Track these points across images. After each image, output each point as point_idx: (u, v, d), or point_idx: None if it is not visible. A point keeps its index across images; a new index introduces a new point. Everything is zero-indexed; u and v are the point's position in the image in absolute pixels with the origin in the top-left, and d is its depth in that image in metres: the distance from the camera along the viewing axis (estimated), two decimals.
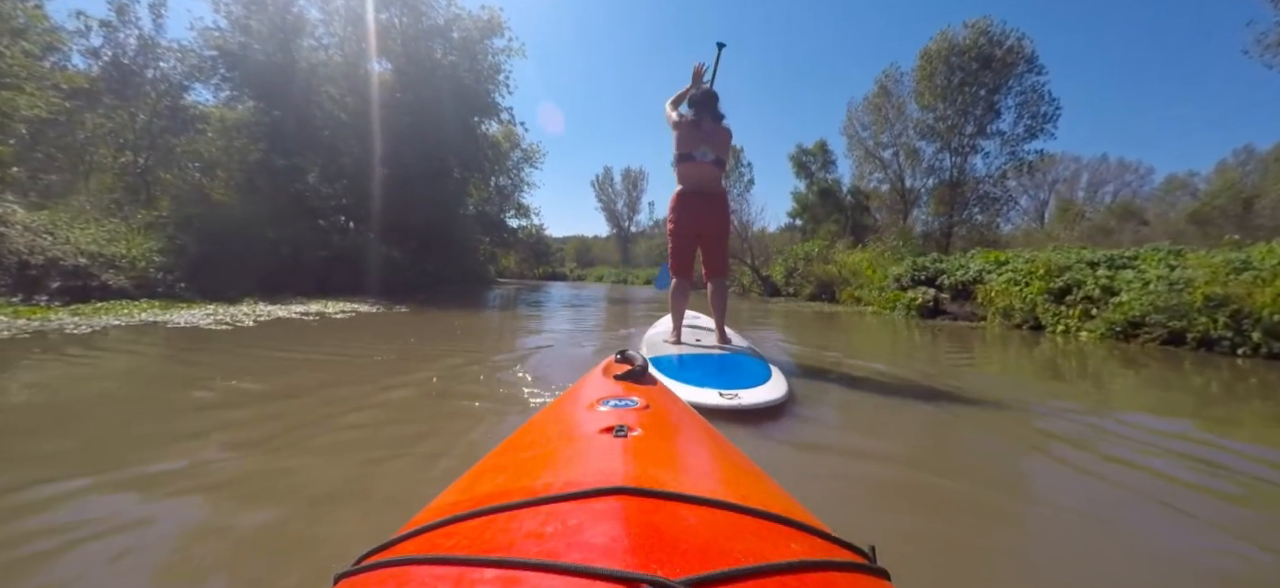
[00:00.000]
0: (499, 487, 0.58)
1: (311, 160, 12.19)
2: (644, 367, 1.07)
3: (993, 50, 23.74)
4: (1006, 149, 24.56)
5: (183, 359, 3.22)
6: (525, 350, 3.84)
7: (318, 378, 2.73)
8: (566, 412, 0.88)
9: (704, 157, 3.21)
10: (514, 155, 19.50)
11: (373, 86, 12.55)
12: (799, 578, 0.39)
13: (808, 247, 13.76)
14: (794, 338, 5.40)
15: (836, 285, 10.82)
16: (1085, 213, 27.81)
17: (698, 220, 3.28)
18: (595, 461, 0.59)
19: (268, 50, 11.97)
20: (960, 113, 24.43)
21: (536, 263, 30.11)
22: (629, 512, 0.44)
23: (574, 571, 0.36)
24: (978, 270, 7.45)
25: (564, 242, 52.10)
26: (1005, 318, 6.48)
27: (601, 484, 0.50)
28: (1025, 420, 2.35)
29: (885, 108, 26.49)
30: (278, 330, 4.40)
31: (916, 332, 6.37)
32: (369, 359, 3.26)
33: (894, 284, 8.75)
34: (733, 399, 2.14)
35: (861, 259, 11.50)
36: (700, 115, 3.26)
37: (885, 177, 27.07)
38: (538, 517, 0.46)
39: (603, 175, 53.48)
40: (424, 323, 5.36)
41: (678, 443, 0.72)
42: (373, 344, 3.88)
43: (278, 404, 2.17)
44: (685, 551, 0.40)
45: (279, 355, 3.34)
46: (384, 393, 2.43)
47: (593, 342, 4.45)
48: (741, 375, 2.50)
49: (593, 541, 0.40)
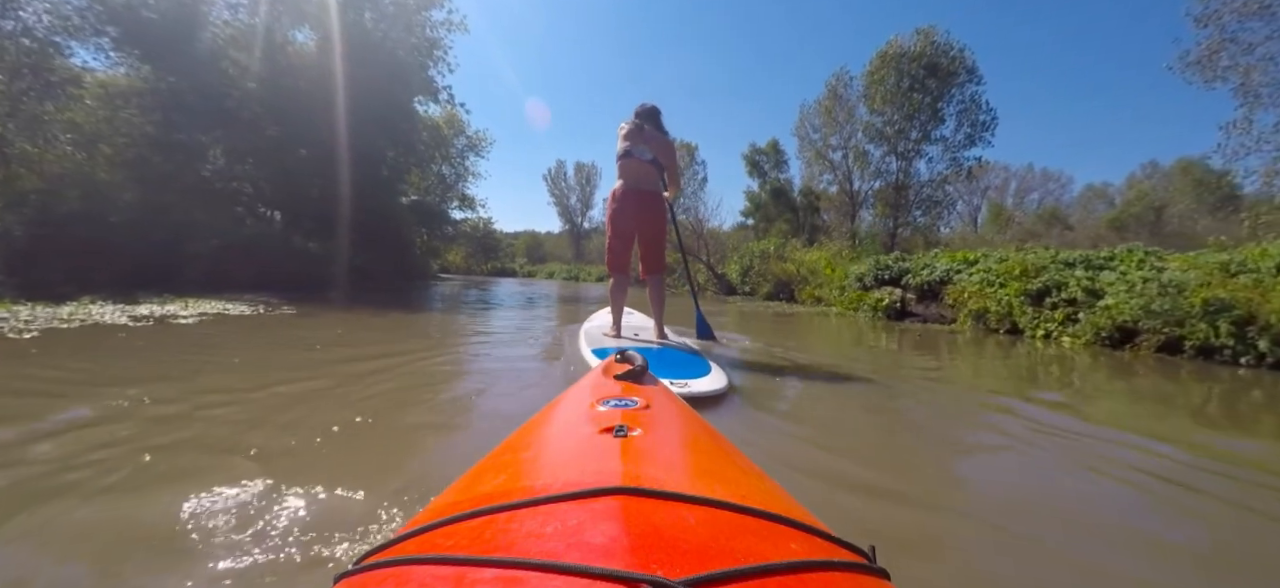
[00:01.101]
0: (499, 487, 0.57)
1: (216, 138, 10.54)
2: (644, 367, 1.06)
3: (939, 58, 24.32)
4: (948, 154, 25.27)
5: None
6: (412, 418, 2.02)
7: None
8: (566, 412, 0.86)
9: (642, 154, 3.28)
10: (457, 142, 18.01)
11: (290, 56, 11.02)
12: (799, 578, 0.39)
13: (763, 244, 13.23)
14: (755, 340, 4.65)
15: (795, 284, 10.27)
16: (1015, 218, 28.99)
17: (634, 218, 3.34)
18: (595, 461, 0.58)
19: (163, 7, 10.27)
20: (907, 118, 24.88)
21: (484, 258, 28.47)
22: (629, 512, 0.44)
23: (574, 571, 0.35)
24: (945, 270, 7.00)
25: (515, 237, 50.25)
26: (978, 321, 6.00)
27: (601, 484, 0.49)
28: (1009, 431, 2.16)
29: (835, 111, 26.70)
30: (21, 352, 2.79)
31: (883, 334, 5.80)
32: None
33: (856, 284, 8.24)
34: (684, 388, 2.23)
35: (819, 257, 11.03)
36: (642, 121, 3.37)
37: (834, 178, 27.33)
38: (537, 517, 0.46)
39: (555, 169, 51.91)
40: (293, 330, 4.13)
41: (677, 443, 0.71)
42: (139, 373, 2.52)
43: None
44: (685, 551, 0.39)
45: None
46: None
47: (543, 378, 2.92)
48: (683, 368, 2.57)
49: (592, 541, 0.39)
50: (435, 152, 15.64)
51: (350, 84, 11.05)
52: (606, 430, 0.68)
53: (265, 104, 10.71)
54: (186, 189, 10.15)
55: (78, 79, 10.44)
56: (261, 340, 3.55)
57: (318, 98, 10.82)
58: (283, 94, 10.68)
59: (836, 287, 9.02)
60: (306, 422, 1.75)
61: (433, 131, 14.73)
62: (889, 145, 25.59)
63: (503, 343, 4.00)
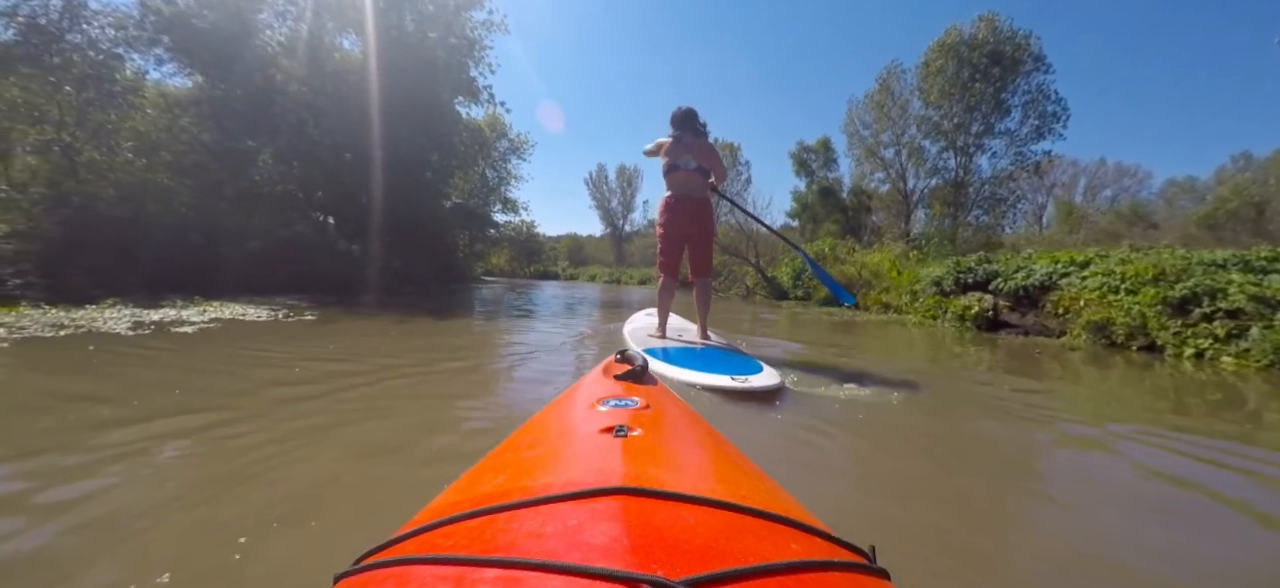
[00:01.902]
0: (499, 487, 0.56)
1: (264, 143, 10.56)
2: (644, 367, 1.04)
3: (1002, 46, 22.52)
4: (1013, 149, 23.36)
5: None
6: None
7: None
8: (566, 412, 0.86)
9: (687, 165, 3.39)
10: (500, 145, 17.80)
11: (336, 62, 10.93)
12: (799, 578, 0.38)
13: (818, 245, 12.25)
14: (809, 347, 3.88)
15: (857, 289, 9.31)
16: (1088, 216, 26.54)
17: (684, 223, 3.43)
18: (595, 460, 0.58)
19: (217, 18, 10.39)
20: (967, 110, 23.16)
21: (527, 261, 28.38)
22: (629, 512, 0.43)
23: (574, 571, 0.35)
24: (1046, 273, 5.96)
25: (557, 240, 50.38)
26: (1098, 334, 4.99)
27: (601, 484, 0.49)
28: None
29: (887, 105, 25.19)
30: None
31: (970, 346, 4.90)
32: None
33: (932, 288, 7.26)
34: (744, 383, 2.32)
35: (881, 259, 10.01)
36: (680, 132, 3.47)
37: (886, 176, 25.79)
38: (538, 517, 0.45)
39: (596, 173, 51.74)
40: (287, 342, 3.55)
41: (677, 443, 0.70)
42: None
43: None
44: (685, 551, 0.39)
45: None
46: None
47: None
48: (735, 366, 2.61)
49: (593, 541, 0.39)
50: (478, 154, 15.42)
51: (392, 88, 10.85)
52: (607, 431, 0.67)
53: (312, 109, 10.64)
54: (237, 194, 10.19)
55: (138, 88, 10.67)
56: (235, 353, 3.01)
57: (362, 102, 10.68)
58: (328, 99, 10.58)
59: (906, 291, 8.04)
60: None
61: (475, 134, 14.48)
62: (947, 140, 23.92)
63: (536, 365, 3.25)
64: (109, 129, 10.59)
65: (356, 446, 1.59)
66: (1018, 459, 1.87)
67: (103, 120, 10.50)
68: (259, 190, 10.52)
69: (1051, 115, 23.01)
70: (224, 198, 9.93)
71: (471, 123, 14.17)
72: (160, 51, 10.79)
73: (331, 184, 10.50)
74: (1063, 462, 1.91)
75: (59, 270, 4.84)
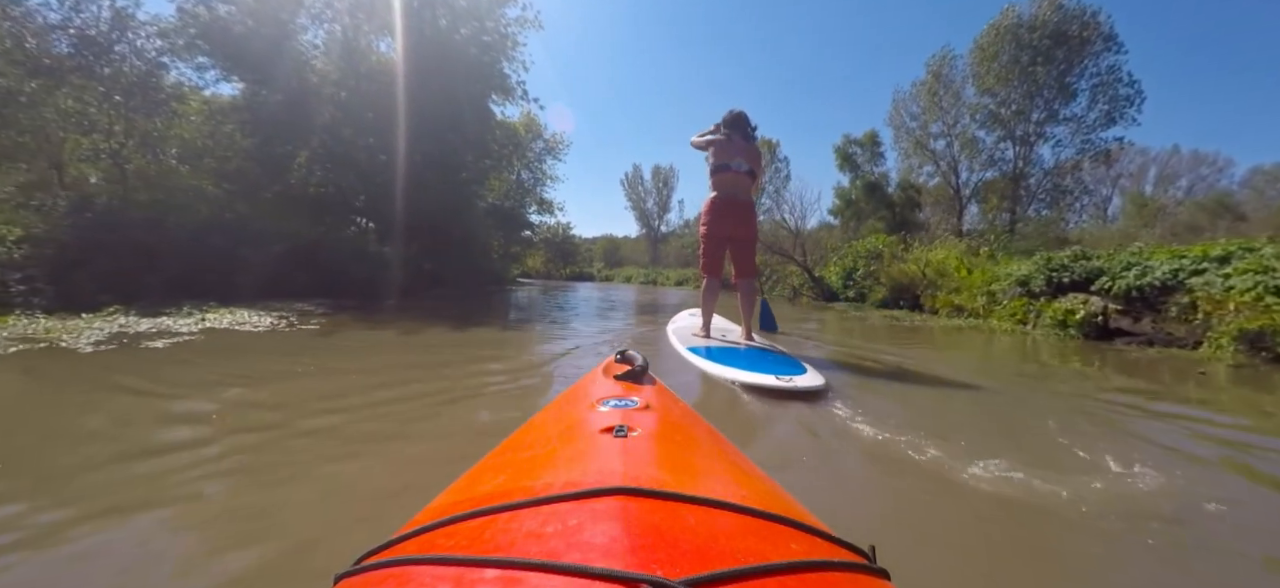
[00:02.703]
0: (499, 487, 0.55)
1: (301, 146, 10.45)
2: (644, 367, 1.01)
3: (1067, 25, 20.65)
4: (1079, 136, 21.38)
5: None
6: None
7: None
8: (566, 412, 0.84)
9: (739, 167, 3.39)
10: (535, 145, 17.39)
11: (371, 62, 10.71)
12: (799, 578, 0.38)
13: (872, 242, 11.21)
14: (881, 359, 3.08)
15: (920, 289, 8.31)
16: (1166, 208, 24.08)
17: (729, 225, 3.42)
18: (595, 461, 0.57)
19: (256, 24, 10.35)
20: (1027, 96, 21.37)
21: (563, 263, 28.04)
22: (629, 512, 0.43)
23: (574, 571, 0.35)
24: (1169, 271, 4.93)
25: (592, 242, 50.11)
26: (1253, 346, 3.97)
27: (601, 485, 0.48)
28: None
29: (938, 94, 23.54)
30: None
31: (1075, 359, 3.98)
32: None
33: (1016, 290, 6.26)
34: (789, 383, 2.29)
35: (947, 256, 8.96)
36: (732, 133, 3.46)
37: (936, 170, 24.14)
38: (538, 517, 0.45)
39: (632, 173, 51.14)
40: (283, 354, 3.11)
41: (677, 443, 0.68)
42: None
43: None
44: (685, 551, 0.38)
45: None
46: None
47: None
48: (780, 366, 2.61)
49: (593, 541, 0.39)
50: (512, 154, 15.03)
51: (424, 86, 10.52)
52: (607, 431, 0.66)
53: (346, 111, 10.46)
54: (276, 198, 10.10)
55: (182, 96, 10.72)
56: (178, 376, 2.49)
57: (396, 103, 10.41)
58: (363, 100, 10.37)
59: (980, 292, 7.04)
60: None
61: (509, 134, 14.07)
62: (1005, 129, 22.15)
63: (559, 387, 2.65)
64: (155, 136, 10.68)
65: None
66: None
67: (149, 128, 10.59)
68: (295, 193, 10.40)
69: (1123, 99, 20.99)
70: (262, 202, 9.85)
71: (506, 123, 13.79)
72: (202, 59, 10.85)
73: (366, 186, 10.26)
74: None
75: (69, 276, 4.56)
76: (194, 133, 10.95)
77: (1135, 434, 2.06)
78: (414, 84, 10.25)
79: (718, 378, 2.57)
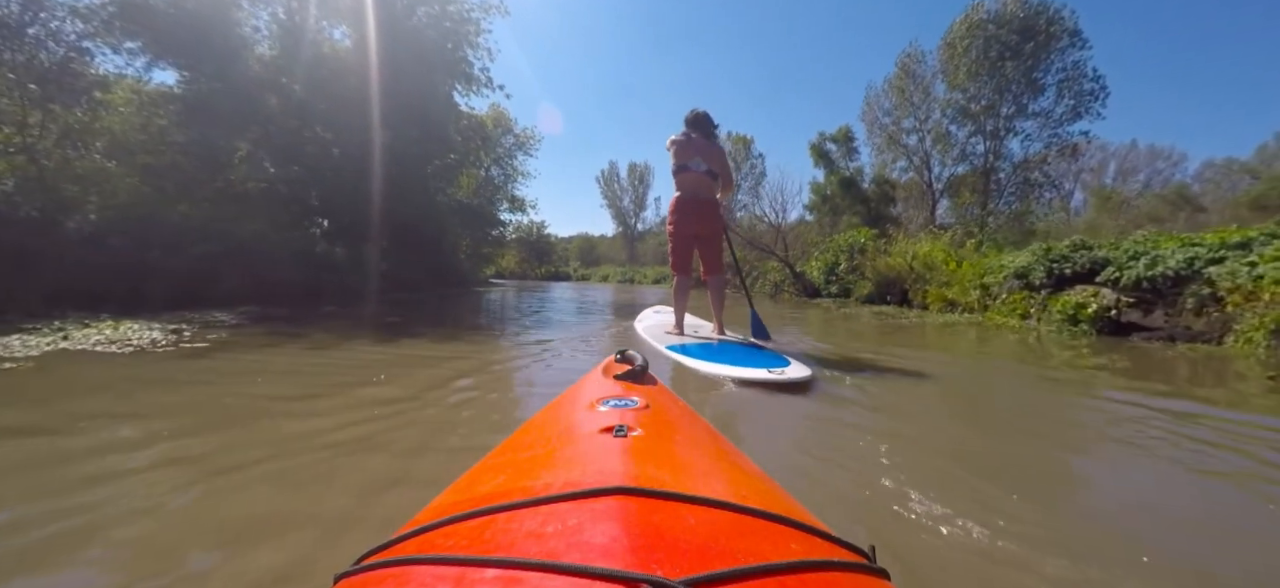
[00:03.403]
0: (499, 487, 0.55)
1: (241, 138, 9.49)
2: (644, 366, 1.00)
3: (1033, 21, 20.80)
4: (1048, 130, 21.60)
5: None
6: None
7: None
8: (566, 412, 0.83)
9: (697, 167, 3.40)
10: (505, 140, 16.51)
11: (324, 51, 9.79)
12: (799, 578, 0.38)
13: (851, 236, 10.80)
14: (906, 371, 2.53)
15: (908, 284, 7.89)
16: (1129, 200, 24.53)
17: (693, 223, 3.45)
18: (595, 461, 0.56)
19: (190, 5, 9.37)
20: (997, 91, 21.47)
21: (537, 262, 27.14)
22: (629, 512, 0.42)
23: (574, 571, 0.34)
24: (1183, 260, 4.54)
25: (568, 241, 49.17)
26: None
27: (601, 484, 0.47)
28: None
29: (909, 90, 23.55)
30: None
31: (1086, 353, 3.53)
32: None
33: (1015, 283, 5.84)
34: (780, 375, 2.26)
35: (932, 249, 8.58)
36: (692, 132, 3.47)
37: (909, 165, 24.15)
38: (538, 517, 0.44)
39: (608, 171, 50.35)
40: (108, 394, 2.32)
41: (677, 443, 0.67)
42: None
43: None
44: (685, 551, 0.38)
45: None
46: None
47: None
48: (764, 360, 2.56)
49: (593, 541, 0.38)
50: (480, 149, 14.14)
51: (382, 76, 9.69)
52: (606, 431, 0.65)
53: (292, 99, 9.52)
54: (216, 195, 9.14)
55: (106, 84, 9.63)
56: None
57: (348, 91, 9.52)
58: (313, 88, 9.45)
59: (973, 285, 6.64)
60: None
61: (476, 126, 13.21)
62: (976, 124, 22.25)
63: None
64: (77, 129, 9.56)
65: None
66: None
67: (70, 120, 9.47)
68: (236, 191, 9.44)
69: (1089, 94, 21.27)
70: (197, 200, 8.89)
71: (472, 115, 12.95)
72: (131, 44, 9.76)
73: (316, 181, 9.36)
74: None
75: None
76: (123, 125, 9.87)
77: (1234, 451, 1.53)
78: (368, 70, 9.40)
79: (704, 374, 2.48)
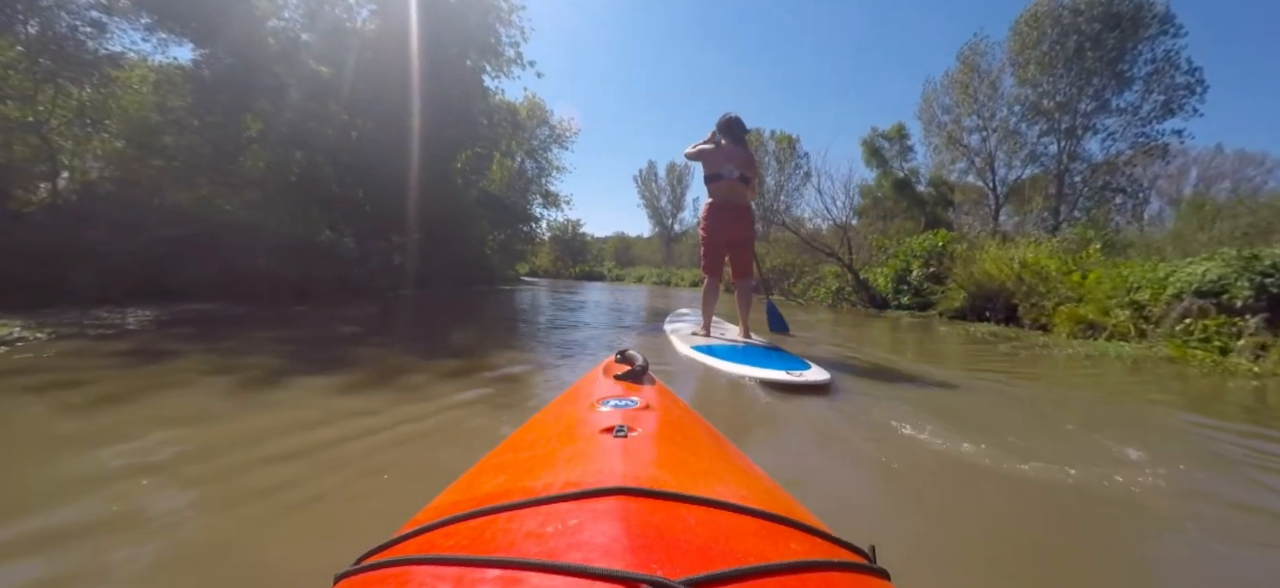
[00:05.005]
0: (499, 487, 0.54)
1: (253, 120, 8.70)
2: (644, 367, 0.97)
3: (1120, 7, 18.30)
4: (1133, 129, 19.04)
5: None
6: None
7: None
8: (566, 412, 0.82)
9: (730, 174, 3.43)
10: (540, 132, 15.43)
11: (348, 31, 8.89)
12: (799, 578, 0.38)
13: (924, 240, 9.18)
14: None
15: (1017, 298, 6.29)
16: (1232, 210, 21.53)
17: (726, 229, 3.51)
18: (595, 461, 0.55)
19: None
20: (1075, 85, 19.07)
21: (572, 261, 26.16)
22: (629, 512, 0.42)
23: (574, 571, 0.34)
24: None
25: (603, 241, 48.14)
26: None
27: (601, 484, 0.47)
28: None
29: (972, 85, 21.26)
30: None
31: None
32: None
33: (1197, 304, 4.25)
34: (799, 377, 2.29)
35: (1037, 256, 6.93)
36: (723, 139, 3.47)
37: (970, 166, 21.89)
38: (538, 517, 0.44)
39: (646, 170, 49.01)
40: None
41: (678, 443, 0.66)
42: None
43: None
44: (685, 551, 0.38)
45: None
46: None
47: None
48: (785, 362, 2.59)
49: (593, 541, 0.38)
50: (510, 138, 13.08)
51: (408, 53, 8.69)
52: (607, 431, 0.64)
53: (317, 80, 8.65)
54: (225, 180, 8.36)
55: (116, 61, 8.97)
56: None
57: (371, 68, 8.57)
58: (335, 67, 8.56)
59: (1119, 302, 5.04)
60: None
61: (507, 113, 12.15)
62: (1049, 121, 19.85)
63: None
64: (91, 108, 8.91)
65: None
66: None
67: (81, 98, 8.81)
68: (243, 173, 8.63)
69: (1183, 87, 18.61)
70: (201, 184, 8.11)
71: (503, 103, 11.90)
72: (146, 18, 9.08)
73: (333, 165, 8.43)
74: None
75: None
76: (139, 104, 9.19)
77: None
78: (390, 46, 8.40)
79: (727, 375, 2.50)
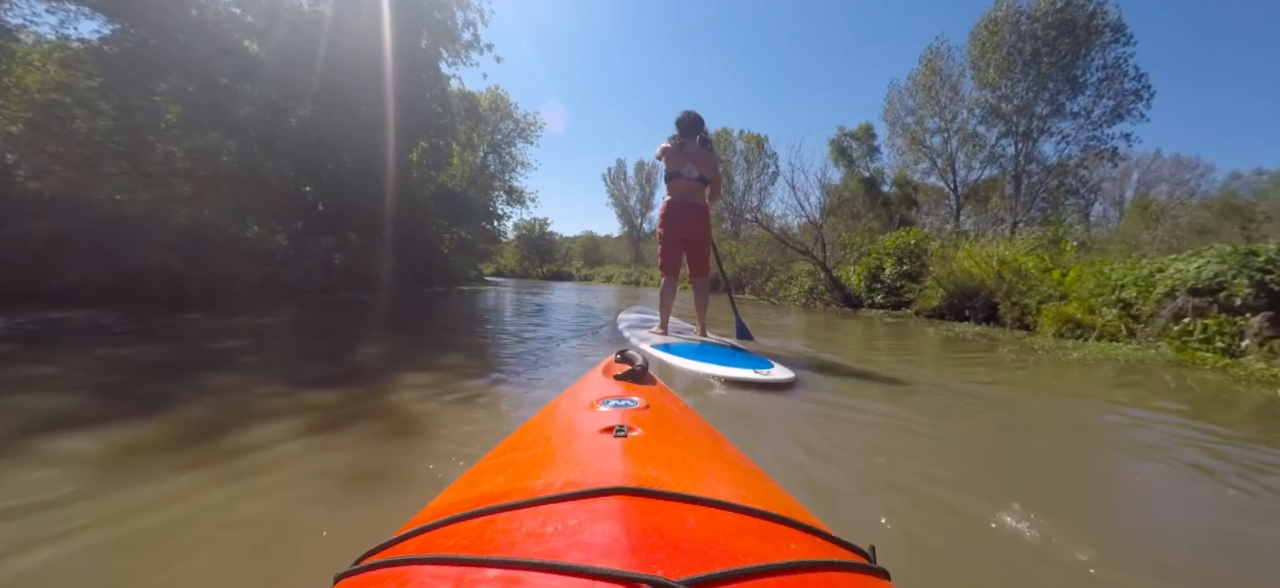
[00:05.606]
0: (499, 487, 0.53)
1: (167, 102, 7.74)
2: (644, 366, 0.97)
3: (1074, 14, 18.87)
4: (1085, 132, 19.71)
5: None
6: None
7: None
8: (566, 412, 0.80)
9: (689, 173, 3.41)
10: (503, 125, 14.61)
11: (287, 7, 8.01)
12: (799, 578, 0.37)
13: (897, 238, 8.96)
14: None
15: (998, 297, 6.04)
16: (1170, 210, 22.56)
17: (683, 227, 3.48)
18: (595, 461, 0.55)
19: None
20: (1032, 89, 19.57)
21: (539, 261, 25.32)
22: (629, 512, 0.41)
23: (574, 571, 0.33)
24: None
25: (572, 240, 47.27)
26: None
27: (601, 484, 0.46)
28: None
29: (935, 87, 21.62)
30: None
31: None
32: None
33: (1192, 302, 4.01)
34: (767, 376, 2.24)
35: (1013, 252, 6.74)
36: (684, 138, 3.43)
37: (932, 167, 22.26)
38: (538, 517, 0.43)
39: (614, 169, 48.40)
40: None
41: (678, 443, 0.65)
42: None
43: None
44: (685, 551, 0.38)
45: None
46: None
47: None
48: (749, 361, 2.54)
49: (593, 541, 0.38)
50: (472, 130, 12.28)
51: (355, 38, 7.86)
52: (607, 431, 0.63)
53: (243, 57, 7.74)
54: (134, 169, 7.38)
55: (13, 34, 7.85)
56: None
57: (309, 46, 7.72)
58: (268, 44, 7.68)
59: (1105, 300, 4.80)
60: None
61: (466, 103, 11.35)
62: (1007, 124, 20.34)
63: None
64: None
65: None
66: None
67: None
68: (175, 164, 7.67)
69: (1131, 94, 19.36)
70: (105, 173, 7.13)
71: (461, 91, 11.12)
72: None
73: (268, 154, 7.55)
74: None
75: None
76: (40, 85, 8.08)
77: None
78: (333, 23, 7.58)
79: (688, 373, 2.43)
